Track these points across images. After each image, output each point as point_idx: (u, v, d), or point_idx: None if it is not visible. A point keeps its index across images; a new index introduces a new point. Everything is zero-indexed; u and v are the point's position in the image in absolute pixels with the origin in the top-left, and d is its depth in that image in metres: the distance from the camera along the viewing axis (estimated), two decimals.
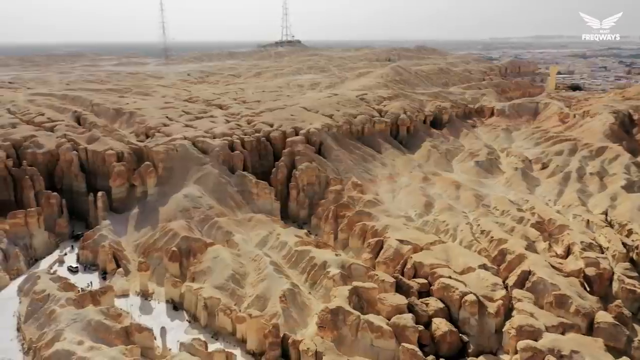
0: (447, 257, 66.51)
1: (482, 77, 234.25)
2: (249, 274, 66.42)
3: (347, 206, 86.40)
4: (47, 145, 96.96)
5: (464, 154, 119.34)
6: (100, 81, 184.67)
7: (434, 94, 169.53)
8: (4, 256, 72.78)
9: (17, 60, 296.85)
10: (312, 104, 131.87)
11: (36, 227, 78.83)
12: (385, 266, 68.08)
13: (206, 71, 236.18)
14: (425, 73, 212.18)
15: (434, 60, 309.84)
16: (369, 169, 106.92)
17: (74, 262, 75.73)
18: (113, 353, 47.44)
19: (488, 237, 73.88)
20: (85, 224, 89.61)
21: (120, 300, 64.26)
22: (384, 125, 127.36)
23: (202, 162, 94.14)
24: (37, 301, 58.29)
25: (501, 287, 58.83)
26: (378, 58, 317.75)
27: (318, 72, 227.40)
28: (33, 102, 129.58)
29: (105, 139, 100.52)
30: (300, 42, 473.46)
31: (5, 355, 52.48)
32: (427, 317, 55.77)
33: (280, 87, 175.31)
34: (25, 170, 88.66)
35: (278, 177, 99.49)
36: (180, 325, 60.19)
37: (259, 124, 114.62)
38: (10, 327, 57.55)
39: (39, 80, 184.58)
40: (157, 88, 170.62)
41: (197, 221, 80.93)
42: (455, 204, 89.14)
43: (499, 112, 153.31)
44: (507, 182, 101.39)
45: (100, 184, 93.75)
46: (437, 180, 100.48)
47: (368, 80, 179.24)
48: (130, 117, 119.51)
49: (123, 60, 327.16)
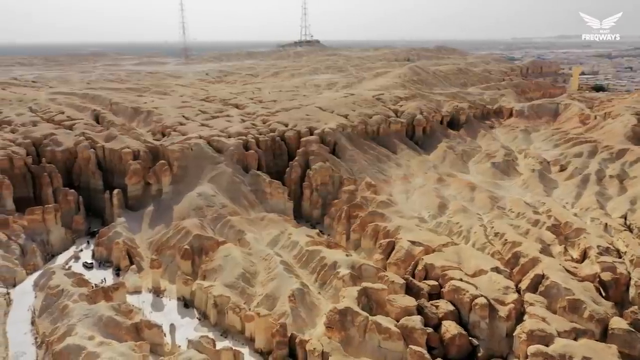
0: (459, 259, 65.69)
1: (501, 78, 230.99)
2: (260, 273, 66.67)
3: (360, 206, 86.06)
4: (65, 143, 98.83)
5: (480, 155, 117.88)
6: (120, 80, 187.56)
7: (451, 94, 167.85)
8: (21, 251, 74.43)
9: (42, 60, 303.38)
10: (327, 104, 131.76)
11: (53, 223, 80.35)
12: (396, 267, 67.60)
13: (224, 71, 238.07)
14: (443, 73, 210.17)
15: (454, 60, 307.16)
16: (384, 169, 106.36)
17: (89, 258, 77.05)
18: (122, 349, 48.06)
19: (502, 240, 72.75)
20: (101, 221, 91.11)
21: (133, 297, 65.15)
22: (399, 126, 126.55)
23: (216, 161, 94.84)
24: (51, 296, 59.42)
25: (513, 291, 57.88)
26: (397, 58, 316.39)
27: (335, 72, 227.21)
28: (54, 100, 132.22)
29: (122, 137, 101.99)
30: (319, 42, 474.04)
31: (20, 349, 53.61)
32: (436, 320, 55.14)
33: (297, 86, 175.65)
34: (44, 168, 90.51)
35: (292, 177, 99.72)
36: (190, 322, 60.72)
37: (274, 124, 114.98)
38: (25, 321, 58.75)
39: (61, 79, 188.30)
40: (175, 87, 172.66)
41: (210, 220, 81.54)
42: (470, 205, 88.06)
43: (518, 113, 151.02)
44: (523, 184, 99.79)
45: (116, 181, 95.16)
46: (452, 181, 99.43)
47: (385, 80, 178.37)
48: (148, 116, 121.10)
49: (144, 59, 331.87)
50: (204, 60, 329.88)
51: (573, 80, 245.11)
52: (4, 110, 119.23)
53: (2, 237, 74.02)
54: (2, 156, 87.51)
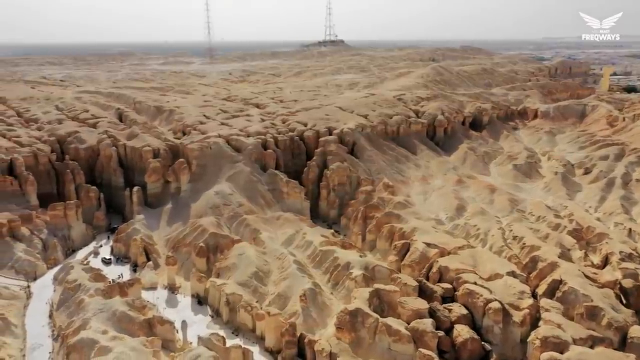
0: (474, 263, 64.66)
1: (527, 78, 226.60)
2: (273, 272, 66.87)
3: (376, 207, 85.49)
4: (89, 141, 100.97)
5: (502, 156, 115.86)
6: (145, 80, 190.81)
7: (475, 94, 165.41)
8: (43, 246, 76.36)
9: (71, 59, 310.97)
10: (348, 104, 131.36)
11: (74, 219, 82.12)
12: (411, 269, 66.93)
13: (247, 70, 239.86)
14: (467, 73, 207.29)
15: (480, 60, 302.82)
16: (402, 170, 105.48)
17: (108, 254, 78.47)
18: (134, 343, 48.79)
19: (520, 244, 71.33)
20: (122, 217, 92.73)
21: (148, 293, 66.06)
22: (420, 126, 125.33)
23: (234, 160, 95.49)
24: (68, 290, 60.74)
25: (529, 296, 56.61)
26: (422, 58, 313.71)
27: (358, 72, 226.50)
28: (80, 99, 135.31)
29: (143, 135, 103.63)
30: (344, 41, 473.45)
31: (37, 340, 54.96)
32: (449, 323, 54.34)
33: (318, 86, 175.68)
34: (67, 165, 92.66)
35: (309, 177, 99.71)
36: (203, 319, 61.24)
37: (294, 123, 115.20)
38: (44, 314, 60.20)
39: (88, 78, 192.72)
40: (198, 87, 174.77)
41: (227, 218, 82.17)
42: (489, 208, 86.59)
43: (543, 114, 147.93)
44: (546, 187, 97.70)
45: (137, 179, 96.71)
46: (471, 183, 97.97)
47: (407, 81, 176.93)
48: (170, 114, 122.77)
49: (170, 59, 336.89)
50: (228, 60, 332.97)
51: (603, 80, 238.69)
52: (32, 108, 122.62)
53: (25, 231, 76.10)
54: (27, 153, 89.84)
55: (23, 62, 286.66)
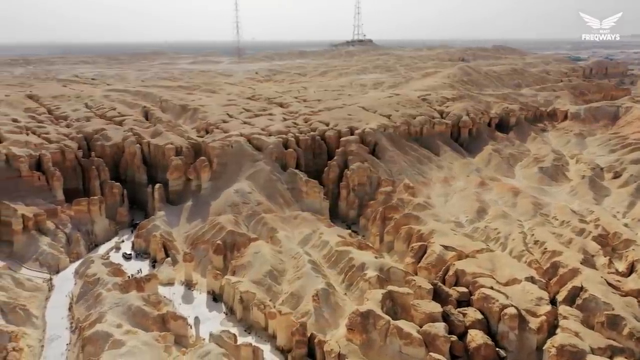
0: (492, 267, 63.24)
1: (559, 79, 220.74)
2: (288, 271, 66.93)
3: (395, 208, 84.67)
4: (114, 138, 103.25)
5: (528, 159, 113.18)
6: (172, 78, 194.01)
7: (502, 95, 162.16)
8: (67, 240, 78.44)
9: (104, 59, 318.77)
10: (371, 104, 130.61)
11: (98, 214, 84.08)
12: (427, 272, 66.00)
13: (274, 70, 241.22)
14: (496, 74, 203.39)
15: (512, 60, 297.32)
16: (424, 171, 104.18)
17: (128, 249, 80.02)
18: (146, 338, 49.63)
19: (541, 248, 69.49)
20: (144, 213, 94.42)
21: (165, 289, 67.10)
22: (444, 127, 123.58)
23: (255, 158, 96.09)
24: (88, 284, 62.17)
25: (547, 302, 55.03)
26: (451, 58, 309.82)
27: (384, 72, 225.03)
28: (108, 97, 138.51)
29: (167, 133, 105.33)
30: (372, 41, 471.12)
31: (55, 332, 56.49)
32: (463, 328, 53.31)
33: (342, 86, 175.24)
34: (93, 161, 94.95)
35: (330, 177, 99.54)
36: (217, 316, 61.77)
37: (315, 123, 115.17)
38: (64, 306, 61.79)
39: (119, 77, 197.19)
40: (224, 86, 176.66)
41: (245, 216, 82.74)
42: (511, 211, 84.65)
43: (573, 116, 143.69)
44: (572, 191, 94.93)
45: (160, 176, 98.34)
46: (494, 185, 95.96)
47: (433, 81, 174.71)
48: (194, 113, 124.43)
49: (199, 58, 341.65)
50: (256, 59, 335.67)
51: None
52: (62, 106, 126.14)
53: (50, 225, 78.33)
54: (55, 149, 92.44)
55: (58, 61, 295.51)
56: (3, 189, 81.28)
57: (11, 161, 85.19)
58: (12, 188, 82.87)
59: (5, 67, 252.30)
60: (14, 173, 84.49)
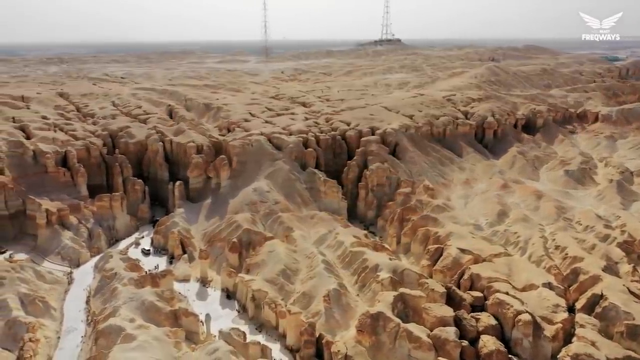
0: (509, 271, 61.87)
1: (592, 79, 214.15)
2: (301, 271, 66.88)
3: (413, 210, 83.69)
4: (138, 135, 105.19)
5: (554, 161, 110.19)
6: (199, 77, 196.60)
7: (530, 96, 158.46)
8: (89, 235, 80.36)
9: (134, 57, 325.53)
10: (394, 104, 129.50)
11: (119, 210, 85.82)
12: (442, 275, 65.07)
13: (299, 69, 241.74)
14: (525, 74, 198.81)
15: (544, 60, 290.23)
16: (445, 172, 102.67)
17: (147, 245, 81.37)
18: (157, 333, 50.31)
19: (562, 254, 67.56)
20: (165, 210, 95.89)
21: (180, 285, 67.96)
22: (468, 128, 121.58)
23: (275, 157, 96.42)
24: (105, 278, 63.56)
25: (564, 310, 53.47)
26: (481, 58, 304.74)
27: (410, 72, 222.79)
28: (135, 95, 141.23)
29: (189, 132, 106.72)
30: (400, 40, 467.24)
31: (72, 324, 57.93)
32: (475, 333, 52.28)
33: (367, 86, 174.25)
34: (116, 158, 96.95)
35: (349, 176, 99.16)
36: (230, 314, 62.20)
37: (337, 122, 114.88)
38: (82, 299, 63.31)
39: (147, 75, 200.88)
40: (249, 85, 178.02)
41: (262, 215, 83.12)
42: (533, 215, 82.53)
43: (604, 118, 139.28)
44: (599, 195, 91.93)
45: (181, 174, 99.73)
46: (517, 188, 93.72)
47: (460, 81, 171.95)
48: (217, 112, 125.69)
49: (227, 57, 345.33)
50: (283, 58, 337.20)
51: None
52: (90, 104, 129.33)
53: (73, 220, 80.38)
54: (80, 146, 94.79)
55: (91, 60, 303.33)
56: (30, 184, 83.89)
57: (38, 157, 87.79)
58: (38, 183, 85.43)
59: (40, 66, 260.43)
60: (41, 169, 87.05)
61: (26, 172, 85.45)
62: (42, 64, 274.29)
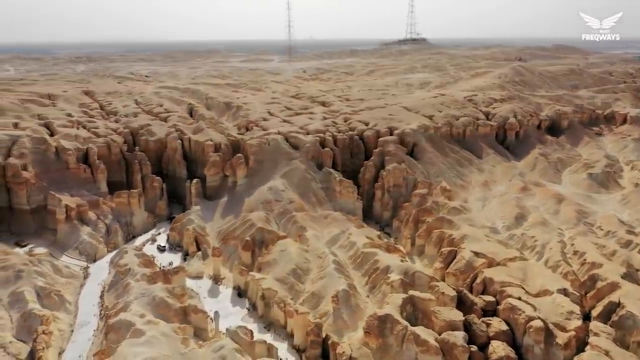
0: (523, 276, 60.50)
1: (622, 80, 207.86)
2: (312, 270, 66.77)
3: (429, 211, 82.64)
4: (158, 133, 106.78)
5: (577, 164, 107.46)
6: (222, 76, 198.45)
7: (556, 97, 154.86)
8: (107, 230, 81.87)
9: (161, 56, 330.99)
10: (414, 104, 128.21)
11: (137, 207, 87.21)
12: (455, 278, 64.06)
13: (322, 68, 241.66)
14: (551, 74, 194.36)
15: (573, 60, 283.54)
16: (463, 174, 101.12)
17: (163, 242, 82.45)
18: (166, 329, 50.86)
19: (580, 259, 65.72)
20: (183, 208, 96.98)
21: (193, 282, 68.67)
22: (489, 129, 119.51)
23: (291, 157, 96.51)
24: (119, 273, 64.62)
25: (578, 317, 51.97)
26: (507, 57, 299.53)
27: (433, 71, 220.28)
28: (158, 94, 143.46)
29: (208, 130, 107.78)
30: (426, 40, 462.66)
31: (85, 318, 59.12)
32: (485, 338, 51.29)
33: (388, 85, 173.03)
34: (136, 155, 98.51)
35: (366, 177, 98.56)
36: (240, 312, 62.53)
37: (355, 122, 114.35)
38: (96, 294, 64.58)
39: (171, 74, 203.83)
40: (270, 84, 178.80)
41: (276, 214, 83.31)
42: (552, 218, 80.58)
43: (633, 120, 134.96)
44: (623, 199, 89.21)
45: (199, 171, 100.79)
46: (537, 191, 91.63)
47: (483, 81, 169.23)
48: (237, 110, 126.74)
49: (251, 57, 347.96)
50: (307, 57, 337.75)
51: None
52: (114, 102, 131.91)
53: (92, 216, 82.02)
54: (101, 143, 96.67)
55: (118, 59, 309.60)
56: (52, 180, 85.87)
57: (60, 154, 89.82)
58: (60, 179, 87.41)
59: (69, 65, 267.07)
60: (63, 165, 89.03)
61: (48, 168, 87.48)
62: (72, 63, 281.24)
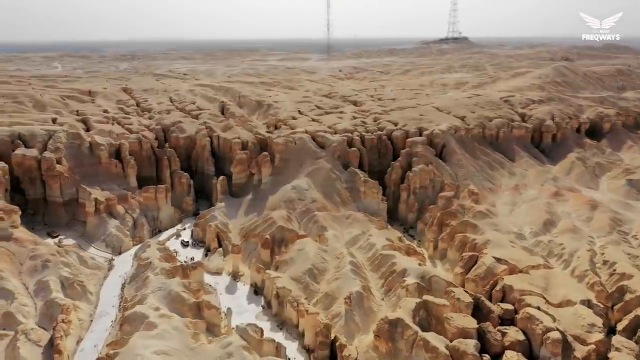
0: (545, 285, 58.28)
1: None
2: (329, 271, 66.41)
3: (453, 214, 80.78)
4: (188, 130, 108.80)
5: (617, 169, 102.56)
6: (257, 75, 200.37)
7: (599, 98, 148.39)
8: (133, 224, 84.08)
9: (201, 55, 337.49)
10: (446, 104, 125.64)
11: (164, 202, 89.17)
12: (474, 284, 62.39)
13: (358, 67, 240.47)
14: (597, 75, 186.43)
15: (624, 60, 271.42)
16: (493, 177, 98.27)
17: (187, 237, 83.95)
18: (178, 323, 51.66)
19: (610, 270, 62.73)
20: (209, 204, 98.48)
21: (212, 277, 69.58)
22: (524, 131, 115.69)
23: (317, 156, 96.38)
24: (140, 267, 66.13)
25: (600, 330, 49.58)
26: (553, 57, 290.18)
27: (470, 71, 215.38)
28: (192, 91, 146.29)
29: (236, 128, 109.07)
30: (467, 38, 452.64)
31: (105, 309, 60.86)
32: (500, 348, 49.60)
33: (422, 85, 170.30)
34: (165, 152, 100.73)
35: (392, 177, 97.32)
36: (255, 309, 62.90)
37: (384, 122, 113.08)
38: (118, 285, 66.36)
39: (208, 72, 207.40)
40: (304, 82, 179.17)
41: (299, 213, 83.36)
42: (584, 226, 77.19)
43: None
44: None
45: (227, 169, 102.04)
46: (570, 196, 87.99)
47: (522, 81, 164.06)
48: (268, 109, 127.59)
49: (290, 55, 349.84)
50: (344, 56, 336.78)
51: None
52: (149, 99, 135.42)
53: (120, 210, 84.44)
54: (133, 139, 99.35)
55: (160, 57, 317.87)
56: (85, 174, 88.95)
57: (94, 149, 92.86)
58: (92, 173, 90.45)
59: (113, 62, 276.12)
60: (95, 160, 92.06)
61: (82, 162, 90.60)
62: (116, 61, 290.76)
